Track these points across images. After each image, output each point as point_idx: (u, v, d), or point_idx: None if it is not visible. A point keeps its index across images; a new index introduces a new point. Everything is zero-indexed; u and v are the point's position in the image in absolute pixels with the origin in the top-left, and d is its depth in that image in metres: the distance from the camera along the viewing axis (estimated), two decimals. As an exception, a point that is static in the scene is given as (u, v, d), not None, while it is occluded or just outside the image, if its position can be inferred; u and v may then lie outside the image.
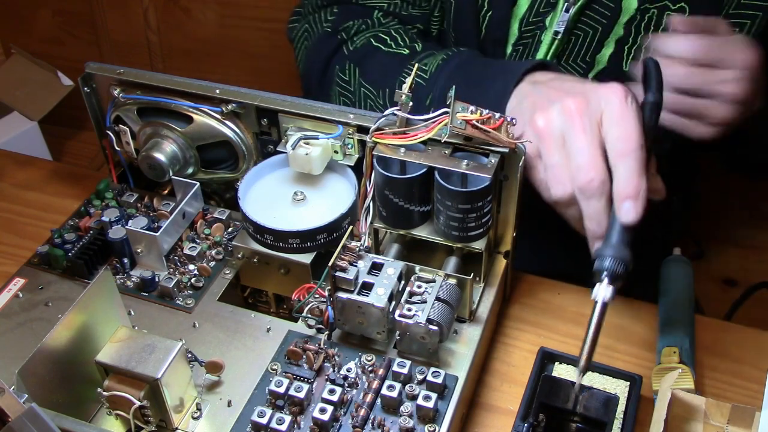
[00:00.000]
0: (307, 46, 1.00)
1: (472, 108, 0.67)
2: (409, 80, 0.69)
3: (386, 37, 0.93)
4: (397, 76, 0.88)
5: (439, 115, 0.69)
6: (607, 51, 0.85)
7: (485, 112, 0.67)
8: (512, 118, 0.68)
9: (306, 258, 0.75)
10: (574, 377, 0.66)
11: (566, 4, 0.85)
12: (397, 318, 0.67)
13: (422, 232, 0.74)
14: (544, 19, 0.85)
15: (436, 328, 0.66)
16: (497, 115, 0.68)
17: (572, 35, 0.85)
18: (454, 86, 0.67)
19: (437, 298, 0.67)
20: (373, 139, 0.71)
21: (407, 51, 0.91)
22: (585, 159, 0.66)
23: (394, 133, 0.70)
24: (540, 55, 0.87)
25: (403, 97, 0.68)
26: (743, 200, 1.74)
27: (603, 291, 0.63)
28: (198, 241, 0.81)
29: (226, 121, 0.80)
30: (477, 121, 0.67)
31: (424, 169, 0.70)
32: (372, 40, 0.93)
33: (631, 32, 0.84)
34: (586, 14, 0.84)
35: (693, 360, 0.76)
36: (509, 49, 0.88)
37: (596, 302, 0.64)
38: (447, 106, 0.67)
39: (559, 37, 0.85)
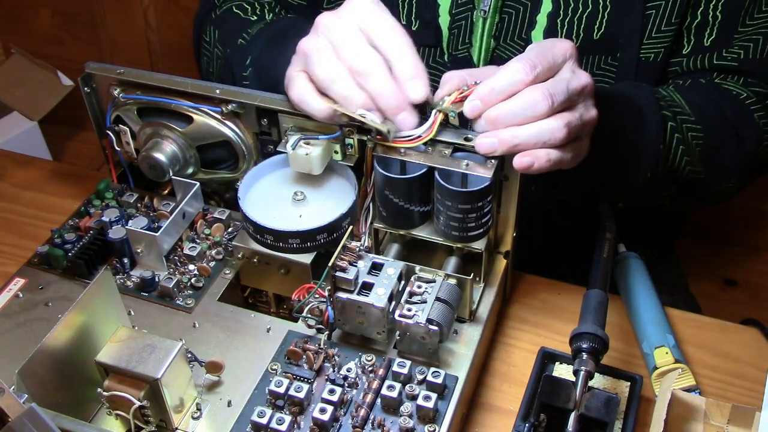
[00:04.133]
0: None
1: (445, 97, 0.68)
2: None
3: (248, 7, 0.97)
4: (237, 39, 0.92)
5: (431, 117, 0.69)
6: (541, 26, 0.86)
7: (454, 92, 0.68)
8: (475, 82, 0.69)
9: (306, 258, 0.75)
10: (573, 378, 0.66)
11: None
12: (397, 318, 0.67)
13: (422, 232, 0.74)
14: (473, 0, 0.86)
15: (436, 328, 0.66)
16: (465, 86, 0.68)
17: (504, 14, 0.87)
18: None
19: (437, 298, 0.67)
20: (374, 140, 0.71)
21: (255, 18, 0.95)
22: (351, 45, 0.67)
23: (394, 138, 0.70)
24: (476, 37, 0.88)
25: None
26: (743, 200, 1.74)
27: (585, 364, 0.67)
28: (198, 241, 0.81)
29: (226, 121, 0.80)
30: (459, 95, 0.68)
31: (424, 169, 0.70)
32: (234, 6, 0.97)
33: (560, 5, 0.85)
34: None
35: (682, 354, 0.76)
36: (446, 33, 0.89)
37: (580, 372, 0.66)
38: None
39: (488, 17, 0.86)
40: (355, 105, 0.67)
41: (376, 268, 0.69)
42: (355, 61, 0.67)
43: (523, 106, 0.66)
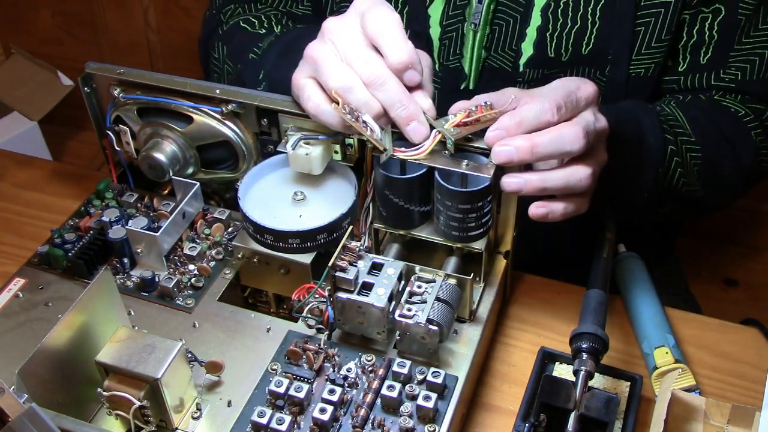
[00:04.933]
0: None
1: (450, 116, 0.68)
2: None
3: (255, 21, 0.97)
4: (248, 53, 0.92)
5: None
6: (531, 38, 0.87)
7: (463, 111, 0.68)
8: (486, 102, 0.69)
9: (306, 258, 0.75)
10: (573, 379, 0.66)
11: None
12: (397, 318, 0.67)
13: (422, 232, 0.74)
14: (463, 11, 0.87)
15: (436, 328, 0.66)
16: (473, 107, 0.68)
17: (494, 26, 0.87)
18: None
19: (437, 298, 0.67)
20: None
21: (264, 31, 0.95)
22: (357, 52, 0.68)
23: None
24: (467, 48, 0.88)
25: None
26: (743, 200, 1.74)
27: (585, 364, 0.67)
28: (198, 241, 0.81)
29: (226, 121, 0.80)
30: (464, 119, 0.67)
31: (424, 169, 0.70)
32: (240, 21, 0.98)
33: (549, 19, 0.85)
34: (502, 4, 0.86)
35: (682, 354, 0.76)
36: (437, 44, 0.90)
37: (580, 372, 0.67)
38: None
39: (479, 29, 0.86)
40: (372, 112, 0.68)
41: (376, 268, 0.69)
42: (365, 70, 0.67)
43: (563, 141, 0.66)
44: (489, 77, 0.89)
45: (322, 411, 0.63)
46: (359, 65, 0.67)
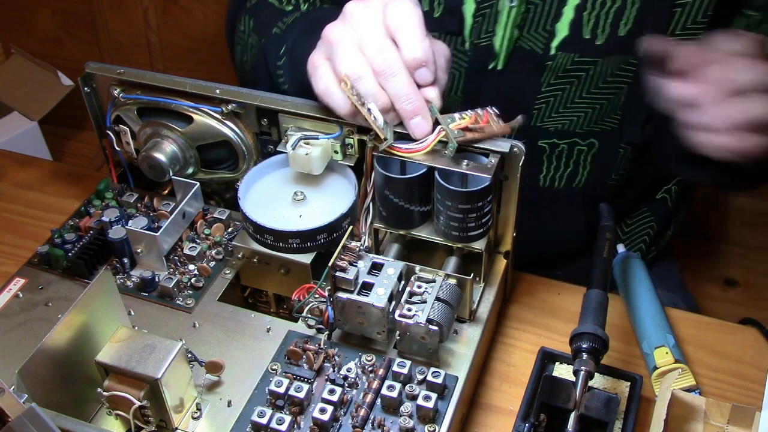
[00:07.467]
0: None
1: (456, 115, 0.68)
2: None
3: None
4: (272, 28, 0.92)
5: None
6: (567, 18, 0.85)
7: (470, 112, 0.68)
8: (493, 108, 0.69)
9: (306, 258, 0.75)
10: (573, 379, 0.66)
11: None
12: (397, 318, 0.67)
13: (422, 232, 0.74)
14: None
15: (436, 328, 0.66)
16: (480, 111, 0.68)
17: (530, 4, 0.86)
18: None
19: (437, 298, 0.67)
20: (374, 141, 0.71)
21: (290, 8, 0.95)
22: (374, 40, 0.67)
23: (393, 145, 0.70)
24: (500, 26, 0.87)
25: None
26: (743, 200, 1.74)
27: (585, 364, 0.67)
28: (198, 241, 0.81)
29: (226, 121, 0.80)
30: (469, 124, 0.68)
31: (424, 169, 0.70)
32: None
33: None
34: None
35: (682, 354, 0.76)
36: (469, 20, 0.88)
37: (580, 372, 0.66)
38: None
39: (514, 6, 0.85)
40: (378, 103, 0.67)
41: (376, 268, 0.69)
42: (378, 58, 0.67)
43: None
44: (518, 58, 0.88)
45: (322, 411, 0.63)
46: (373, 53, 0.67)
